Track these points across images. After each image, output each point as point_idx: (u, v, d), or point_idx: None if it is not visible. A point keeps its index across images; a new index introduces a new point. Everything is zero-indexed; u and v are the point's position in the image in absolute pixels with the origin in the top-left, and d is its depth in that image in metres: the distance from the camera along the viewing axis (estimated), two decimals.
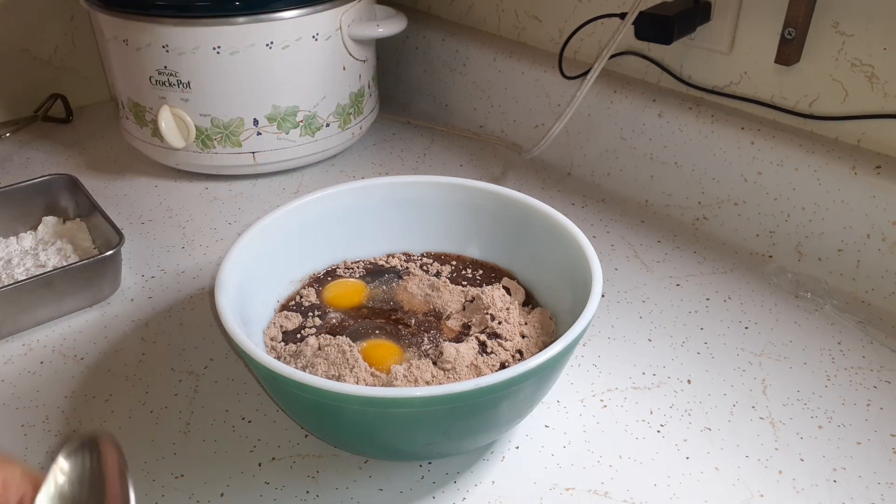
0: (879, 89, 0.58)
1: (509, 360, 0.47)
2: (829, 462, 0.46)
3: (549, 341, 0.48)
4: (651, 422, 0.49)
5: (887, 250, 0.58)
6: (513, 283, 0.54)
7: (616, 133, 0.75)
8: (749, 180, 0.65)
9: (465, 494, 0.45)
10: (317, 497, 0.45)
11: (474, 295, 0.52)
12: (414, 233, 0.58)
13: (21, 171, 0.82)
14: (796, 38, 0.59)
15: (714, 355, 0.55)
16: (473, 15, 0.90)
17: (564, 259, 0.50)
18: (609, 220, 0.72)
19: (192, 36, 0.70)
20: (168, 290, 0.63)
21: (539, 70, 0.80)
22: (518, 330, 0.49)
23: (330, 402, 0.39)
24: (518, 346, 0.48)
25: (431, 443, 0.42)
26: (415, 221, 0.57)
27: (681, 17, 0.63)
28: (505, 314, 0.50)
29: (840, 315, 0.58)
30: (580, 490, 0.45)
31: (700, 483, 0.45)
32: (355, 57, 0.79)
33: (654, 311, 0.60)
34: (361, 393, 0.37)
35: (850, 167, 0.59)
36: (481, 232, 0.56)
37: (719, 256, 0.66)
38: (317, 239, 0.56)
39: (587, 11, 0.75)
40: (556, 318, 0.50)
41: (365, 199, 0.56)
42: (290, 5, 0.71)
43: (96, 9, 0.74)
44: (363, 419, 0.40)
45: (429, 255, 0.58)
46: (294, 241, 0.54)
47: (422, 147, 0.86)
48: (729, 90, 0.68)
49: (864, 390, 0.52)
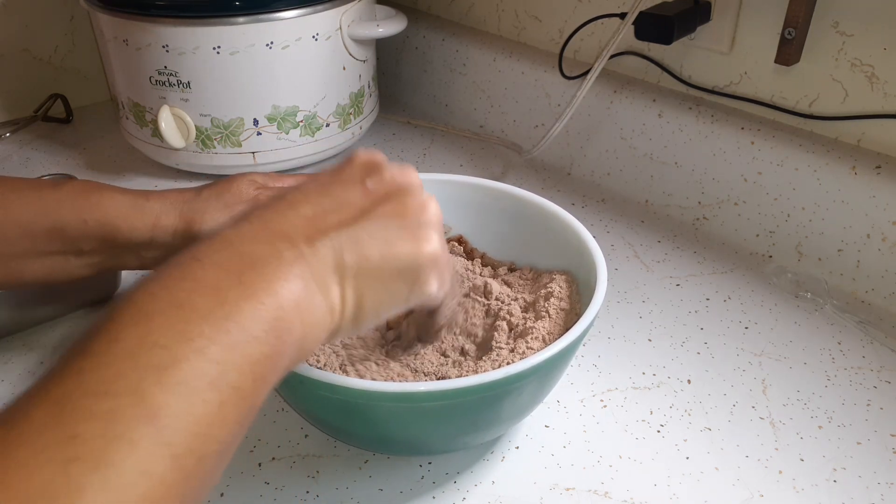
0: (879, 89, 0.58)
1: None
2: (829, 462, 0.46)
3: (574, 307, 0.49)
4: (651, 422, 0.49)
5: (887, 250, 0.58)
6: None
7: (616, 133, 0.75)
8: (749, 180, 0.65)
9: (465, 494, 0.45)
10: (317, 497, 0.45)
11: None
12: None
13: (21, 171, 0.82)
14: (796, 38, 0.59)
15: (714, 355, 0.55)
16: (473, 15, 0.90)
17: (568, 257, 0.50)
18: (609, 220, 0.72)
19: (192, 36, 0.70)
20: None
21: (539, 70, 0.80)
22: (522, 313, 0.49)
23: (360, 401, 0.39)
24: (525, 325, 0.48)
25: (459, 435, 0.43)
26: None
27: (681, 17, 0.63)
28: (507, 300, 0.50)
29: (840, 315, 0.58)
30: (580, 490, 0.45)
31: (700, 483, 0.45)
32: (355, 57, 0.79)
33: (654, 311, 0.60)
34: (392, 389, 0.38)
35: (850, 167, 0.59)
36: (481, 228, 0.56)
37: (719, 256, 0.66)
38: None
39: (587, 11, 0.75)
40: (576, 281, 0.50)
41: None
42: (290, 5, 0.71)
43: (96, 9, 0.74)
44: (391, 415, 0.40)
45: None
46: None
47: (422, 147, 0.86)
48: (729, 90, 0.68)
49: (864, 390, 0.52)
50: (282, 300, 0.29)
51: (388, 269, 0.33)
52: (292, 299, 0.29)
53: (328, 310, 0.32)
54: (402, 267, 0.34)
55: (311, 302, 0.31)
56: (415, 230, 0.34)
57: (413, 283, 0.35)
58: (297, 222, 0.32)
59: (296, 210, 0.33)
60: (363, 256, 0.33)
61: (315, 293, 0.31)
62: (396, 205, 0.34)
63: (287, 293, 0.29)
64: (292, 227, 0.32)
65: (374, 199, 0.34)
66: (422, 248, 0.34)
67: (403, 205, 0.35)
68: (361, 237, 0.33)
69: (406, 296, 0.35)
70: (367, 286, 0.33)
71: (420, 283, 0.35)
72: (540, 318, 0.48)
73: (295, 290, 0.30)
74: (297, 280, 0.30)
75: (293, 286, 0.30)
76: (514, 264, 0.56)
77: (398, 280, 0.34)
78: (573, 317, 0.47)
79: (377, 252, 0.33)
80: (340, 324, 0.33)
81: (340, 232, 0.32)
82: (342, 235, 0.32)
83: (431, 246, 0.35)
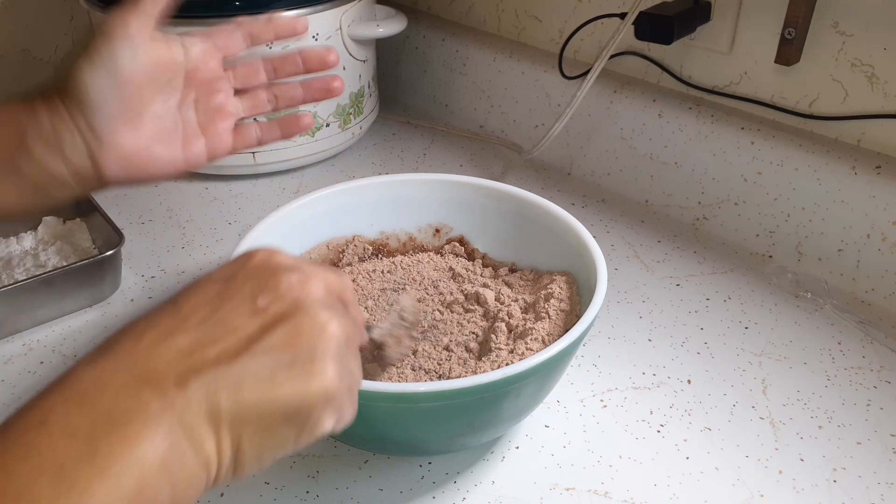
0: (879, 89, 0.58)
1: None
2: (829, 462, 0.46)
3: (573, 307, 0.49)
4: (651, 422, 0.49)
5: (887, 250, 0.58)
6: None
7: (616, 133, 0.75)
8: (749, 180, 0.65)
9: (465, 494, 0.45)
10: (317, 497, 0.45)
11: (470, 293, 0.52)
12: (414, 231, 0.58)
13: None
14: (796, 38, 0.59)
15: (714, 355, 0.55)
16: (473, 15, 0.90)
17: (568, 257, 0.50)
18: (609, 220, 0.72)
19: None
20: (168, 290, 0.63)
21: (539, 70, 0.80)
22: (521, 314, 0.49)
23: (360, 401, 0.39)
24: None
25: (458, 435, 0.43)
26: (413, 220, 0.57)
27: (681, 17, 0.63)
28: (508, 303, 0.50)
29: (840, 315, 0.58)
30: (580, 490, 0.45)
31: (700, 483, 0.45)
32: (355, 57, 0.79)
33: (654, 311, 0.60)
34: (391, 390, 0.38)
35: (850, 167, 0.59)
36: (482, 229, 0.57)
37: (719, 256, 0.66)
38: (318, 238, 0.56)
39: (587, 11, 0.75)
40: (576, 282, 0.50)
41: (364, 199, 0.56)
42: (290, 5, 0.71)
43: (96, 9, 0.74)
44: (390, 416, 0.41)
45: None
46: (295, 240, 0.54)
47: (422, 147, 0.86)
48: (729, 90, 0.68)
49: (864, 390, 0.52)
50: (144, 464, 0.26)
51: (270, 414, 0.29)
52: (157, 462, 0.26)
53: (201, 464, 0.28)
54: (287, 410, 0.29)
55: (181, 460, 0.27)
56: (305, 365, 0.29)
57: (301, 426, 0.30)
58: (169, 357, 0.28)
59: (169, 342, 0.29)
60: (241, 401, 0.28)
61: (185, 448, 0.27)
62: (288, 331, 0.30)
63: (151, 456, 0.26)
64: (163, 364, 0.28)
65: (263, 325, 0.30)
66: (310, 386, 0.29)
67: (297, 331, 0.30)
68: (242, 377, 0.28)
69: (294, 440, 0.30)
70: (246, 433, 0.28)
71: (310, 426, 0.30)
72: (540, 320, 0.48)
73: (160, 449, 0.26)
74: (164, 437, 0.26)
75: (158, 445, 0.26)
76: (515, 265, 0.56)
77: (283, 425, 0.29)
78: (573, 318, 0.47)
79: (258, 395, 0.28)
80: (217, 476, 0.29)
81: (218, 370, 0.28)
82: (220, 375, 0.28)
83: (323, 382, 0.29)
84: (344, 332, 0.31)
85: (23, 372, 0.54)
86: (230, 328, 0.29)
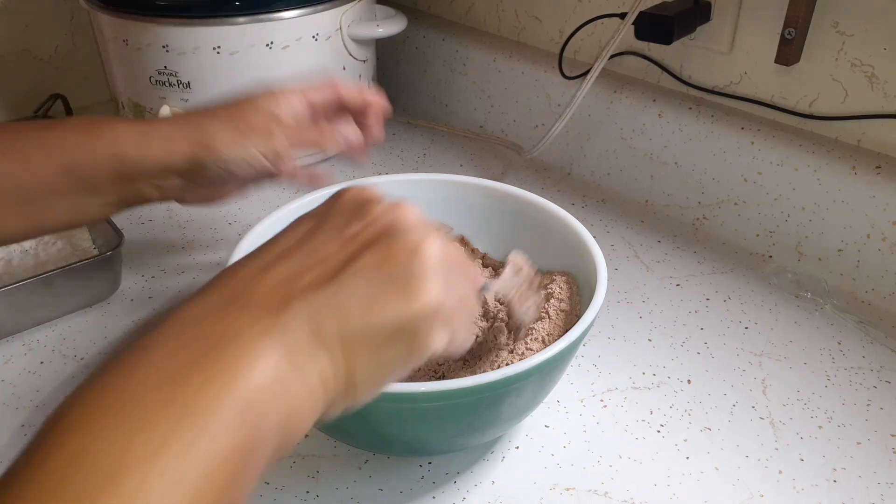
0: (879, 89, 0.58)
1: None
2: (829, 462, 0.46)
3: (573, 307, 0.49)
4: (651, 422, 0.49)
5: (887, 250, 0.58)
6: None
7: (616, 133, 0.75)
8: (749, 180, 0.65)
9: (465, 494, 0.45)
10: (317, 497, 0.45)
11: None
12: None
13: None
14: (796, 38, 0.59)
15: (714, 355, 0.55)
16: (473, 15, 0.90)
17: (568, 257, 0.50)
18: (609, 220, 0.72)
19: (192, 36, 0.70)
20: (168, 290, 0.63)
21: (539, 70, 0.80)
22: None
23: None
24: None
25: (458, 435, 0.43)
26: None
27: (681, 17, 0.63)
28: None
29: (840, 315, 0.58)
30: (580, 490, 0.45)
31: (700, 483, 0.45)
32: (355, 57, 0.79)
33: (654, 311, 0.60)
34: (391, 390, 0.37)
35: (850, 167, 0.59)
36: (482, 229, 0.56)
37: (719, 256, 0.66)
38: None
39: (587, 11, 0.75)
40: (576, 282, 0.50)
41: None
42: (290, 5, 0.71)
43: (96, 9, 0.74)
44: (390, 416, 0.40)
45: None
46: None
47: (422, 147, 0.86)
48: (729, 90, 0.68)
49: (864, 390, 0.52)
50: (250, 384, 0.26)
51: (374, 334, 0.29)
52: (264, 381, 0.26)
53: (313, 386, 0.28)
54: (392, 329, 0.29)
55: (289, 380, 0.27)
56: (404, 281, 0.29)
57: (410, 344, 0.30)
58: (266, 287, 0.28)
59: (264, 275, 0.29)
60: (344, 322, 0.28)
61: (293, 369, 0.27)
62: (382, 252, 0.30)
63: (257, 375, 0.26)
64: (260, 293, 0.28)
65: (356, 249, 0.30)
66: (410, 303, 0.29)
67: (391, 250, 0.30)
68: (339, 299, 0.28)
69: (405, 359, 0.30)
70: (356, 354, 0.29)
71: (419, 344, 0.30)
72: (540, 320, 0.48)
73: (267, 369, 0.26)
74: (269, 357, 0.26)
75: (264, 365, 0.26)
76: None
77: (391, 344, 0.29)
78: (573, 318, 0.47)
79: (358, 316, 0.28)
80: (329, 403, 0.29)
81: (317, 295, 0.28)
82: (317, 299, 0.28)
83: (426, 297, 0.29)
84: (442, 252, 0.31)
85: (23, 372, 0.54)
86: (322, 257, 0.30)
